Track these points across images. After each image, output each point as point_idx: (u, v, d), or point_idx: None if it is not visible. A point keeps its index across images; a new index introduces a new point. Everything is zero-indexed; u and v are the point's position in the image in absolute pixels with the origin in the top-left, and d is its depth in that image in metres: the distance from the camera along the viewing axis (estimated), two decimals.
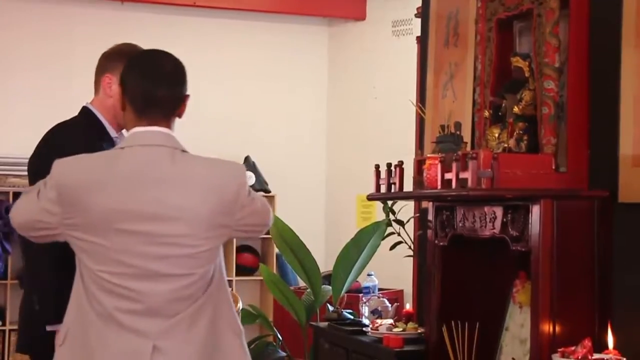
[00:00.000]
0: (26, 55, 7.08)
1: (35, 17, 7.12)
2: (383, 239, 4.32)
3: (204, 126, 6.81)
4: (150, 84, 2.47)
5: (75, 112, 7.29)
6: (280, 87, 7.82)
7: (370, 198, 3.73)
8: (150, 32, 7.26)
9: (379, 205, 7.34)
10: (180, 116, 2.55)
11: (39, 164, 2.97)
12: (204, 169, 2.47)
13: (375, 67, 7.60)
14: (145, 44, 7.07)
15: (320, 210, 7.95)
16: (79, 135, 3.08)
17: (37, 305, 2.90)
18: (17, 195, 6.70)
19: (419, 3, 4.67)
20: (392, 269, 5.73)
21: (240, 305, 4.43)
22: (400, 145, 5.28)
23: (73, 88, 7.15)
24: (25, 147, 6.70)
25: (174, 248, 2.35)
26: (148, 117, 2.45)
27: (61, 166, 2.41)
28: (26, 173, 6.87)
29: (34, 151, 3.19)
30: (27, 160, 6.86)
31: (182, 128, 3.27)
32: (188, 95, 2.55)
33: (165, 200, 2.35)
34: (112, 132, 3.20)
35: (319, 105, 7.98)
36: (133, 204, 2.33)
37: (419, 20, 4.65)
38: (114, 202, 2.33)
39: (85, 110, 3.26)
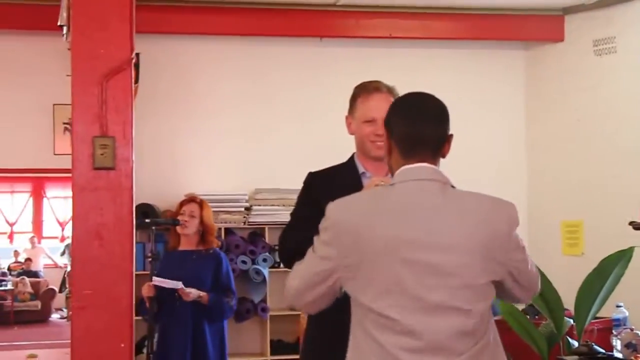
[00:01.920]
0: (229, 94, 7.37)
1: (235, 56, 7.41)
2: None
3: None
4: (417, 125, 2.48)
5: (278, 146, 7.54)
6: (476, 113, 7.74)
7: (636, 227, 3.57)
8: (348, 65, 7.43)
9: (587, 231, 7.13)
10: (444, 156, 2.54)
11: None
12: (475, 202, 2.45)
13: (577, 89, 7.39)
14: (343, 77, 7.26)
15: (523, 236, 7.62)
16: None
17: None
18: (228, 231, 7.01)
19: (622, 20, 4.49)
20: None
21: None
22: None
23: (275, 124, 7.40)
24: (234, 184, 7.09)
25: (454, 278, 2.32)
26: (416, 156, 2.46)
27: (335, 206, 2.46)
28: (235, 209, 7.16)
29: None
30: (236, 197, 7.14)
31: None
32: (452, 135, 2.54)
33: (441, 229, 2.33)
34: (361, 168, 3.26)
35: (517, 129, 7.83)
36: (409, 232, 2.32)
37: (623, 37, 4.45)
38: (390, 232, 2.32)
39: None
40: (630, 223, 3.54)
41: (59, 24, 3.18)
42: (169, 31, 7.14)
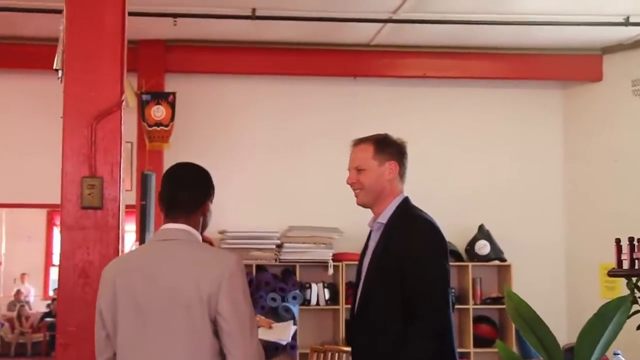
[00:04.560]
0: (263, 132, 7.46)
1: (270, 95, 7.52)
2: (629, 317, 4.03)
3: (437, 195, 6.81)
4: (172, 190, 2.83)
5: (311, 185, 7.58)
6: (513, 152, 7.69)
7: (612, 274, 3.51)
8: (382, 105, 7.47)
9: None
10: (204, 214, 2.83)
11: None
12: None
13: (615, 129, 7.29)
14: (378, 115, 7.33)
15: (560, 279, 7.64)
16: None
17: None
18: (259, 268, 7.06)
19: None
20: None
21: None
22: None
23: (308, 162, 7.45)
24: (266, 221, 7.14)
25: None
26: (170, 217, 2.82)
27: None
28: (266, 247, 7.16)
29: None
30: (268, 234, 7.15)
31: (418, 199, 3.34)
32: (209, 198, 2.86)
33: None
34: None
35: (554, 169, 7.74)
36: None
37: None
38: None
39: None
40: (609, 272, 3.45)
41: (54, 67, 3.29)
42: (204, 70, 7.29)
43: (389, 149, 3.33)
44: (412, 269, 3.10)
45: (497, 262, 7.32)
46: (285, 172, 7.37)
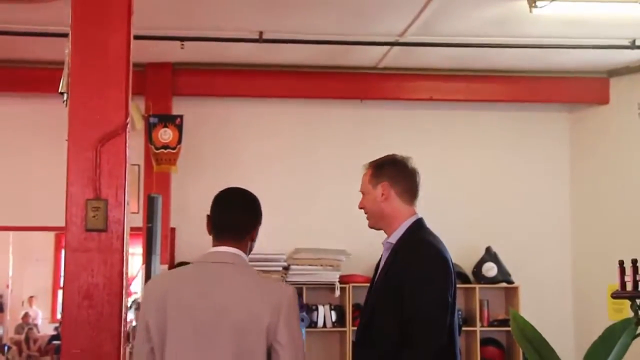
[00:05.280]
0: (271, 154, 7.48)
1: (277, 117, 7.56)
2: (633, 339, 4.02)
3: (444, 217, 6.80)
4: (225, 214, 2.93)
5: (318, 207, 7.57)
6: (520, 175, 7.69)
7: (615, 296, 3.50)
8: (389, 127, 7.48)
9: None
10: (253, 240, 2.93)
11: None
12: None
13: (621, 151, 7.28)
14: (384, 137, 7.31)
15: (568, 301, 7.61)
16: None
17: None
18: None
19: None
20: None
21: None
22: None
23: (316, 184, 7.46)
24: (273, 244, 7.12)
25: None
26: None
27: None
28: (273, 269, 7.15)
29: None
30: (275, 257, 7.12)
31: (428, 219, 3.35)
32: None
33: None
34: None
35: (561, 192, 7.73)
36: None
37: None
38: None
39: None
40: (612, 294, 3.44)
41: (59, 91, 3.32)
42: (212, 94, 7.32)
43: (383, 170, 3.37)
44: (409, 292, 3.10)
45: (504, 284, 7.30)
46: (292, 194, 7.38)
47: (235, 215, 2.91)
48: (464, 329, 6.96)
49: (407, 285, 3.11)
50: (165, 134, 6.78)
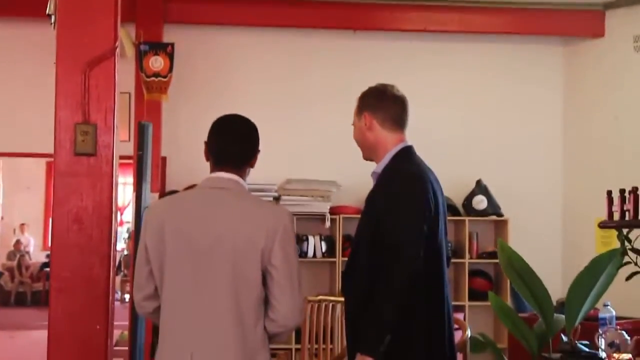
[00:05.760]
0: (262, 85, 7.41)
1: (269, 47, 7.46)
2: (619, 268, 4.07)
3: (435, 149, 6.80)
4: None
5: (310, 138, 7.57)
6: (512, 108, 7.66)
7: (602, 226, 3.54)
8: (382, 58, 7.42)
9: None
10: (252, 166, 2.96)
11: None
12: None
13: (615, 85, 7.25)
14: (377, 69, 7.27)
15: (557, 234, 7.66)
16: None
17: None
18: None
19: None
20: (632, 297, 5.41)
21: (468, 332, 4.33)
22: None
23: (308, 115, 7.43)
24: (264, 174, 7.08)
25: None
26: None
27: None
28: (264, 199, 7.15)
29: None
30: (265, 187, 7.10)
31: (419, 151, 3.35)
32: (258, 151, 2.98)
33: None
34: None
35: (553, 126, 7.71)
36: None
37: None
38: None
39: None
40: (600, 224, 3.47)
41: (47, 12, 3.26)
42: (203, 22, 7.23)
43: (365, 100, 3.36)
44: (380, 218, 3.09)
45: (494, 217, 7.34)
46: (283, 125, 7.34)
47: (236, 144, 2.91)
48: (452, 260, 7.02)
49: (380, 211, 3.11)
50: (156, 62, 6.71)
